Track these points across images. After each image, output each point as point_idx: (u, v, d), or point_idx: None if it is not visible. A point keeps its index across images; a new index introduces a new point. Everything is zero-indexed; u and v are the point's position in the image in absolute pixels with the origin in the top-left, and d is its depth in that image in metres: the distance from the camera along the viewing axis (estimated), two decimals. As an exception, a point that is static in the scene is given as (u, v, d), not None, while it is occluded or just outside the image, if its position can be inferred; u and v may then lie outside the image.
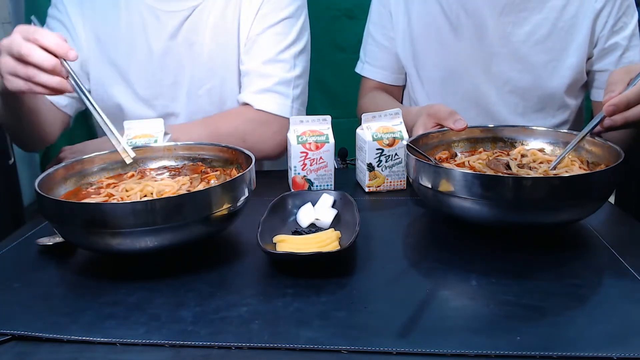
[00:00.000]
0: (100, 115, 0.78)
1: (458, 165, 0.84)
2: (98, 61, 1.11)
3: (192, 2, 1.08)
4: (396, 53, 1.23)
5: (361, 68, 1.30)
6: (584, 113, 1.24)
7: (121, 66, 1.10)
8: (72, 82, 0.77)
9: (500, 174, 0.74)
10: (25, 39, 0.74)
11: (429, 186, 0.73)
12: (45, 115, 1.01)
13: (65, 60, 0.75)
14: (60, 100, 1.07)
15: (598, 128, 0.77)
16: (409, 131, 0.94)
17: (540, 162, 0.82)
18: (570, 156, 0.82)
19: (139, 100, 1.12)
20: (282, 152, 1.08)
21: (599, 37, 1.08)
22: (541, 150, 0.87)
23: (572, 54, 1.09)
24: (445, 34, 1.15)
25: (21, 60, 0.74)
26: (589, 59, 1.10)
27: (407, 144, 0.81)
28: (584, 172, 0.77)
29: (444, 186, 0.70)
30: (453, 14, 1.13)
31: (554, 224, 0.73)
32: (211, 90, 1.12)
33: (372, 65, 1.27)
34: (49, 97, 1.04)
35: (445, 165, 0.83)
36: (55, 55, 0.75)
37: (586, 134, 0.78)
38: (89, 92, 0.80)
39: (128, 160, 0.79)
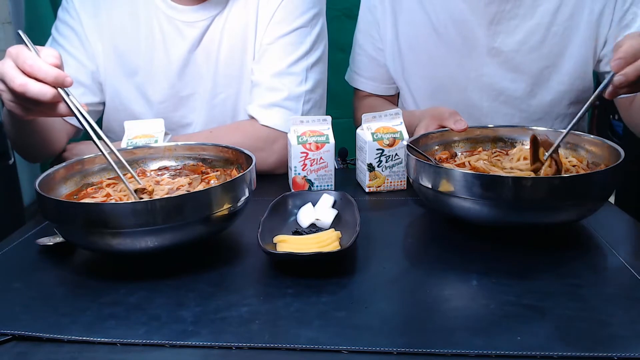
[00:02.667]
0: (100, 145, 0.71)
1: (458, 165, 0.84)
2: (115, 72, 1.08)
3: (212, 12, 1.05)
4: (385, 64, 1.20)
5: (350, 77, 1.27)
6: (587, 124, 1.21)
7: (139, 78, 1.08)
8: (70, 107, 0.70)
9: (500, 174, 0.74)
10: (20, 68, 0.68)
11: (429, 186, 0.73)
12: (51, 127, 0.98)
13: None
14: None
15: (611, 90, 0.69)
16: (412, 133, 0.94)
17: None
18: (572, 156, 0.82)
19: (155, 112, 1.09)
20: (285, 167, 1.03)
21: (607, 36, 1.04)
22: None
23: (569, 58, 1.06)
24: (432, 45, 1.12)
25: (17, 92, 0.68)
26: (600, 61, 1.07)
27: (407, 144, 0.81)
28: (584, 172, 0.77)
29: (444, 186, 0.70)
30: (440, 24, 1.10)
31: (554, 224, 0.73)
32: (226, 100, 1.10)
33: (361, 76, 1.24)
34: None
35: (446, 165, 0.83)
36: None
37: (596, 97, 0.71)
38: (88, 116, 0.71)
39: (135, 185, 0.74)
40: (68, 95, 0.70)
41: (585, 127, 1.24)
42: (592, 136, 0.82)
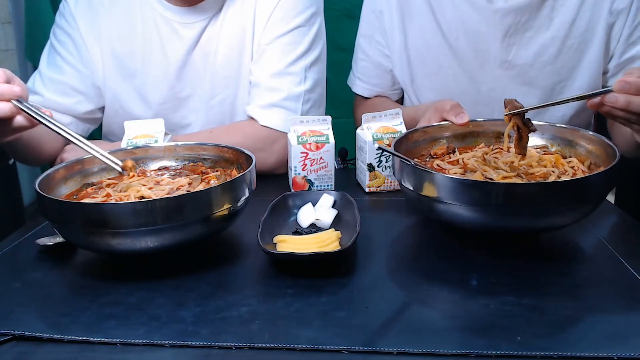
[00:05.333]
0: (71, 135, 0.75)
1: (451, 162, 0.83)
2: (113, 75, 1.08)
3: (209, 13, 1.05)
4: (391, 70, 1.17)
5: (353, 83, 1.24)
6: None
7: (137, 80, 1.08)
8: (29, 112, 0.73)
9: (484, 180, 0.71)
10: None
11: (411, 188, 0.71)
12: (40, 138, 0.98)
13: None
14: (62, 119, 1.05)
15: (596, 102, 0.69)
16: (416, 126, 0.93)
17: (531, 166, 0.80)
18: (572, 155, 0.81)
19: (154, 113, 1.09)
20: (285, 167, 1.02)
21: (614, 50, 1.02)
22: (543, 147, 0.86)
23: (583, 72, 1.03)
24: (443, 56, 1.09)
25: None
26: (604, 73, 1.05)
27: (380, 147, 0.80)
28: (583, 175, 0.76)
29: (428, 190, 0.68)
30: (452, 35, 1.07)
31: (544, 228, 0.71)
32: (224, 101, 1.10)
33: (365, 82, 1.22)
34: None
35: (438, 162, 0.82)
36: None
37: (581, 97, 0.72)
38: (50, 118, 0.74)
39: (118, 168, 0.76)
40: (21, 103, 0.72)
41: (590, 122, 1.21)
42: (591, 133, 0.80)
